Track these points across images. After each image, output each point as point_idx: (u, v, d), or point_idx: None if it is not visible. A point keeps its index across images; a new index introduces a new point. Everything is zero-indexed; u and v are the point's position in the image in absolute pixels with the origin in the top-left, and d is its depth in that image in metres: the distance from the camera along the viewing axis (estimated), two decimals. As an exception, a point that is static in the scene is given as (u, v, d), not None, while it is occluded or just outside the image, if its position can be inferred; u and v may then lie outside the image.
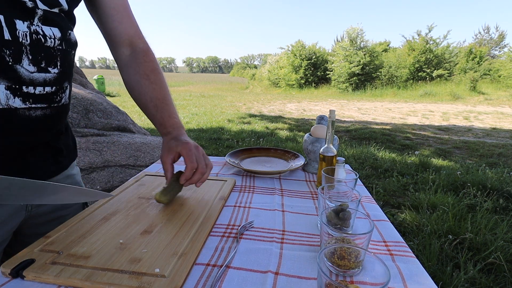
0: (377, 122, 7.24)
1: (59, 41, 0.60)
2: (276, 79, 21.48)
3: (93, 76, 12.44)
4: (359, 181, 0.91)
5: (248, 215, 0.74)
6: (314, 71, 19.39)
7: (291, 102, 11.72)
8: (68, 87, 0.67)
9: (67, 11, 0.62)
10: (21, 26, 0.53)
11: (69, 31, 0.63)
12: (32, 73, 0.56)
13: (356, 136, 5.61)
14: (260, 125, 6.47)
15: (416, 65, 16.07)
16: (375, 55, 17.11)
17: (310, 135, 1.08)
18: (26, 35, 0.54)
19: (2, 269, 0.50)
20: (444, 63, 16.04)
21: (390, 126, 6.70)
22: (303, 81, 19.32)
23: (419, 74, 16.03)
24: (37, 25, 0.55)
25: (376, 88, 16.23)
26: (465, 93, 13.53)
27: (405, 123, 7.25)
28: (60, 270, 0.50)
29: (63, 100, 0.65)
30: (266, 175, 1.03)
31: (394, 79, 16.42)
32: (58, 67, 0.61)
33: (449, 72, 15.73)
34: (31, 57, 0.55)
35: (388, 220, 0.74)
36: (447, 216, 2.31)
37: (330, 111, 0.85)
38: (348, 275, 0.51)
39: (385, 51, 18.19)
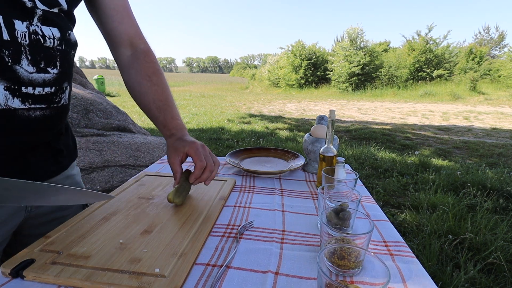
0: (377, 122, 7.24)
1: (58, 41, 0.60)
2: (276, 79, 21.48)
3: (93, 76, 12.44)
4: (359, 181, 0.91)
5: (248, 215, 0.74)
6: (314, 71, 19.39)
7: (291, 102, 11.72)
8: (68, 87, 0.67)
9: (66, 11, 0.62)
10: (20, 26, 0.53)
11: (68, 31, 0.62)
12: (31, 73, 0.56)
13: (356, 136, 5.61)
14: (260, 125, 6.47)
15: (416, 65, 16.07)
16: (375, 55, 17.11)
17: (310, 135, 1.08)
18: (25, 35, 0.53)
19: (2, 269, 0.50)
20: (444, 63, 16.04)
21: (390, 126, 6.70)
22: (303, 81, 19.32)
23: (419, 74, 16.03)
24: (36, 25, 0.55)
25: (376, 88, 16.23)
26: (465, 93, 13.53)
27: (405, 123, 7.25)
28: (60, 270, 0.50)
29: (62, 101, 0.65)
30: (266, 175, 1.03)
31: (394, 79, 16.42)
32: (58, 67, 0.61)
33: (449, 72, 15.73)
34: (30, 57, 0.55)
35: (388, 220, 0.74)
36: (447, 216, 2.31)
37: (330, 111, 0.85)
38: (348, 275, 0.51)
39: (385, 51, 18.19)
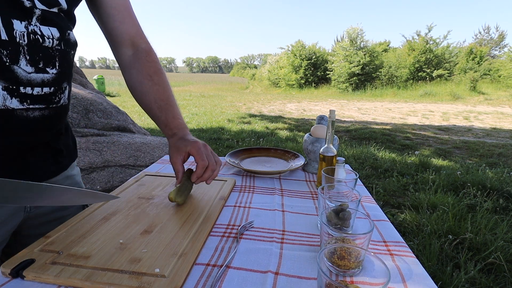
0: (377, 122, 7.24)
1: (57, 41, 0.59)
2: (276, 79, 21.48)
3: (93, 76, 12.43)
4: (359, 181, 0.91)
5: (248, 215, 0.74)
6: (314, 71, 19.39)
7: (291, 102, 11.72)
8: (67, 87, 0.67)
9: (66, 10, 0.62)
10: (18, 26, 0.52)
11: (68, 31, 0.62)
12: (30, 73, 0.55)
13: (356, 136, 5.61)
14: (260, 125, 6.47)
15: (416, 65, 16.07)
16: (375, 55, 17.11)
17: (310, 135, 1.08)
18: (24, 35, 0.53)
19: (2, 269, 0.50)
20: (444, 63, 16.04)
21: (390, 126, 6.70)
22: (303, 81, 19.31)
23: (419, 74, 16.03)
24: (35, 25, 0.55)
25: (376, 88, 16.23)
26: (465, 93, 13.53)
27: (405, 123, 7.25)
28: (60, 270, 0.50)
29: (62, 101, 0.64)
30: (266, 175, 1.03)
31: (394, 79, 16.41)
32: (57, 67, 0.60)
33: (449, 72, 15.73)
34: (28, 57, 0.54)
35: (388, 220, 0.74)
36: (447, 216, 2.31)
37: (330, 111, 0.85)
38: (348, 275, 0.51)
39: (385, 51, 18.19)
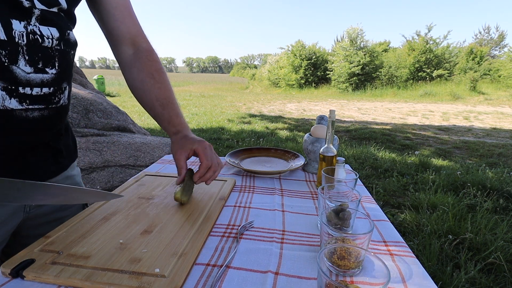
0: (377, 122, 7.24)
1: (57, 41, 0.59)
2: (276, 79, 21.48)
3: (93, 76, 12.43)
4: (359, 181, 0.91)
5: (248, 215, 0.74)
6: (314, 71, 19.38)
7: (291, 102, 11.72)
8: (67, 87, 0.66)
9: (66, 10, 0.61)
10: (17, 26, 0.52)
11: (68, 31, 0.62)
12: (29, 73, 0.55)
13: (356, 136, 5.61)
14: (260, 125, 6.47)
15: (416, 65, 16.07)
16: (375, 55, 17.10)
17: (310, 135, 1.08)
18: (23, 35, 0.53)
19: (2, 269, 0.50)
20: (444, 63, 16.04)
21: (390, 126, 6.70)
22: (303, 81, 19.31)
23: (419, 74, 16.02)
24: (34, 25, 0.55)
25: (376, 88, 16.22)
26: (465, 93, 13.53)
27: (405, 123, 7.25)
28: (60, 270, 0.50)
29: (61, 101, 0.64)
30: (266, 175, 1.03)
31: (394, 79, 16.41)
32: (56, 67, 0.60)
33: (449, 72, 15.73)
34: (27, 57, 0.54)
35: (388, 220, 0.74)
36: (447, 216, 2.31)
37: (330, 111, 0.85)
38: (348, 275, 0.51)
39: (385, 51, 18.19)
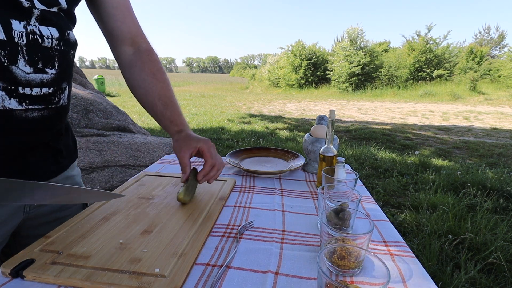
0: (377, 122, 7.24)
1: (57, 41, 0.59)
2: (276, 79, 21.48)
3: (93, 76, 12.43)
4: (359, 181, 0.91)
5: (248, 215, 0.74)
6: (314, 71, 19.38)
7: (291, 102, 11.72)
8: (67, 88, 0.66)
9: (66, 10, 0.61)
10: (17, 26, 0.52)
11: (67, 31, 0.62)
12: (28, 74, 0.55)
13: (356, 136, 5.61)
14: (260, 125, 6.47)
15: (416, 65, 16.07)
16: (375, 55, 17.10)
17: (310, 135, 1.08)
18: (22, 35, 0.53)
19: (2, 269, 0.50)
20: (444, 63, 16.04)
21: (390, 126, 6.70)
22: (303, 81, 19.31)
23: (419, 74, 16.02)
24: (34, 25, 0.55)
25: (376, 88, 16.22)
26: (465, 93, 13.53)
27: (405, 123, 7.25)
28: (60, 270, 0.50)
29: (61, 101, 0.64)
30: (266, 175, 1.02)
31: (394, 79, 16.41)
32: (56, 67, 0.60)
33: (449, 72, 15.73)
34: (27, 57, 0.54)
35: (388, 220, 0.74)
36: (447, 216, 2.31)
37: (330, 111, 0.85)
38: (348, 275, 0.51)
39: (385, 51, 18.19)
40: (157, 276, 0.49)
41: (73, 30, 0.65)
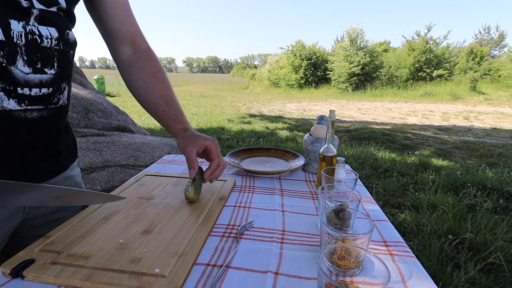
0: (377, 122, 7.24)
1: (56, 41, 0.59)
2: (276, 79, 21.48)
3: (93, 76, 12.43)
4: (359, 181, 0.91)
5: (248, 215, 0.74)
6: (314, 71, 19.39)
7: (291, 102, 11.72)
8: (67, 88, 0.66)
9: (66, 9, 0.61)
10: (16, 26, 0.52)
11: (67, 31, 0.62)
12: (27, 74, 0.55)
13: (356, 136, 5.61)
14: (260, 125, 6.47)
15: (416, 65, 16.07)
16: (375, 55, 17.11)
17: (310, 135, 1.08)
18: (21, 35, 0.53)
19: (2, 269, 0.50)
20: (444, 63, 16.04)
21: (390, 126, 6.70)
22: (303, 81, 19.31)
23: (419, 74, 16.03)
24: (33, 25, 0.54)
25: (376, 88, 16.23)
26: (465, 93, 13.53)
27: (405, 123, 7.25)
28: (60, 270, 0.50)
29: (61, 101, 0.64)
30: (266, 175, 1.02)
31: (394, 79, 16.42)
32: (55, 67, 0.60)
33: (449, 72, 15.74)
34: (26, 58, 0.54)
35: (388, 220, 0.74)
36: (447, 216, 2.31)
37: (330, 111, 0.85)
38: (348, 275, 0.51)
39: (385, 51, 18.19)
40: (157, 276, 0.49)
41: (72, 29, 0.65)
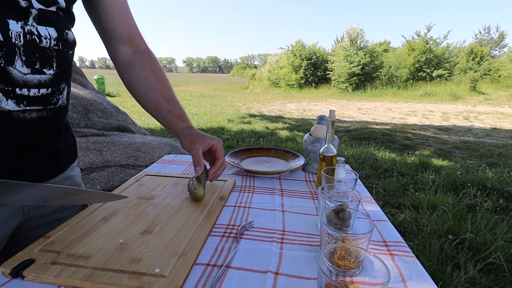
0: (377, 122, 7.24)
1: (55, 41, 0.58)
2: (276, 79, 21.48)
3: (93, 76, 12.42)
4: (359, 181, 0.91)
5: (248, 215, 0.74)
6: (314, 71, 19.39)
7: (291, 102, 11.72)
8: (66, 88, 0.66)
9: (65, 9, 0.61)
10: (14, 26, 0.51)
11: (66, 31, 0.61)
12: (26, 74, 0.54)
13: (356, 136, 5.61)
14: (260, 125, 6.47)
15: (416, 65, 16.08)
16: (375, 55, 17.11)
17: (310, 135, 1.08)
18: (20, 35, 0.52)
19: (2, 269, 0.50)
20: (444, 63, 16.04)
21: (390, 126, 6.70)
22: (303, 81, 19.31)
23: (419, 74, 16.03)
24: (32, 25, 0.54)
25: (376, 88, 16.23)
26: (465, 93, 13.53)
27: (405, 123, 7.25)
28: (60, 270, 0.50)
29: (60, 102, 0.63)
30: (266, 175, 1.02)
31: (394, 79, 16.42)
32: (54, 68, 0.59)
33: (449, 72, 15.74)
34: (24, 58, 0.53)
35: (388, 220, 0.74)
36: (447, 216, 2.31)
37: (330, 111, 0.85)
38: (348, 275, 0.51)
39: (385, 51, 18.20)
40: (157, 276, 0.49)
41: (72, 29, 0.65)
